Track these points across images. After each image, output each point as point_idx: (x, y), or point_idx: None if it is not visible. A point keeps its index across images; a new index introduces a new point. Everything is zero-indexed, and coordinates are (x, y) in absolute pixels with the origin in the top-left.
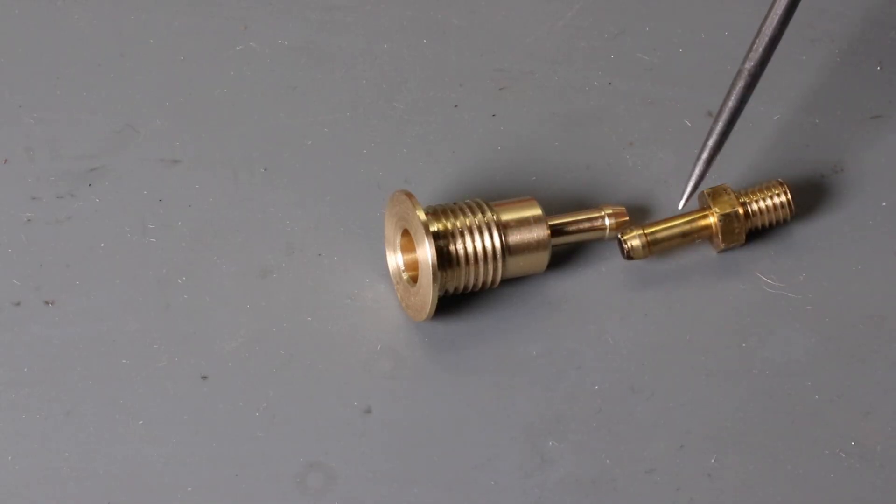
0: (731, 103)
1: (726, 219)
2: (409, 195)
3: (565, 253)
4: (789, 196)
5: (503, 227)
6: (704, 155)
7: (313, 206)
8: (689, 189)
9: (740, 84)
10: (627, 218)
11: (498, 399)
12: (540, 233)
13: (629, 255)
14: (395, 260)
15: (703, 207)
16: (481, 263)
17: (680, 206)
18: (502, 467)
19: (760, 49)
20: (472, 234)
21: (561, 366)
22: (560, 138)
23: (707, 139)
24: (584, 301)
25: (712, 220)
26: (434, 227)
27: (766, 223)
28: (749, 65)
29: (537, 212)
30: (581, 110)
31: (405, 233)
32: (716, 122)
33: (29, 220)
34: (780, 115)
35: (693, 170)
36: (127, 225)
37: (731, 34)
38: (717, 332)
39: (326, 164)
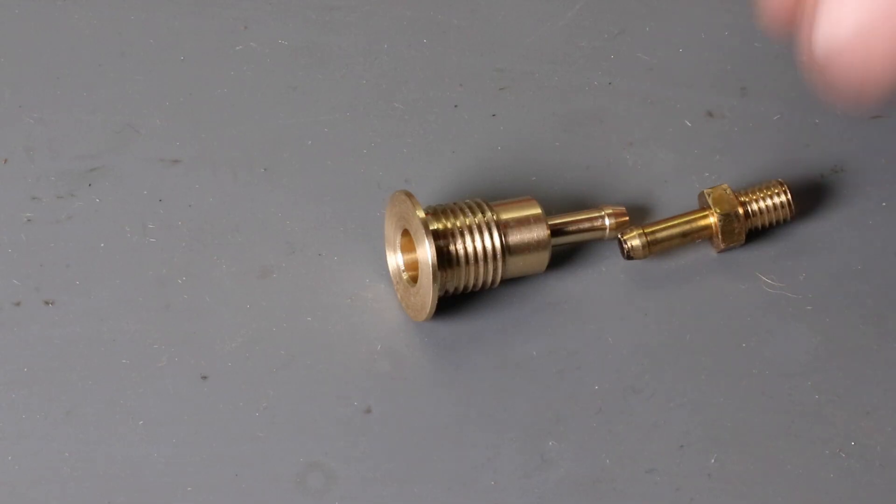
0: None
1: (726, 219)
2: (409, 195)
3: (565, 253)
4: (789, 196)
5: (503, 227)
6: None
7: (313, 206)
8: None
9: None
10: (627, 218)
11: (498, 399)
12: (540, 233)
13: (629, 255)
14: (395, 260)
15: (703, 207)
16: (481, 263)
17: None
18: (502, 467)
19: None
20: (471, 233)
21: (561, 366)
22: (560, 138)
23: None
24: (584, 301)
25: (712, 220)
26: (434, 227)
27: (766, 223)
28: None
29: (537, 212)
30: (581, 110)
31: (405, 233)
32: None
33: (29, 220)
34: (780, 115)
35: None
36: (127, 225)
37: (731, 34)
38: (717, 332)
39: (326, 164)
